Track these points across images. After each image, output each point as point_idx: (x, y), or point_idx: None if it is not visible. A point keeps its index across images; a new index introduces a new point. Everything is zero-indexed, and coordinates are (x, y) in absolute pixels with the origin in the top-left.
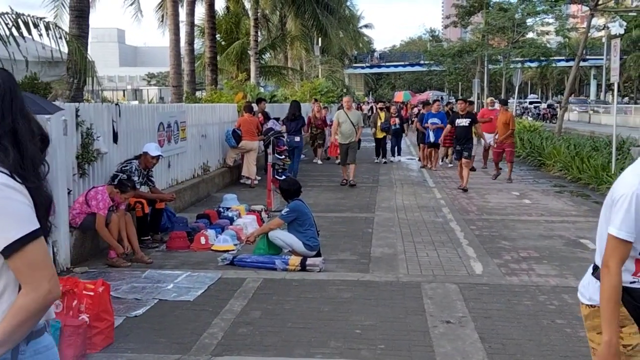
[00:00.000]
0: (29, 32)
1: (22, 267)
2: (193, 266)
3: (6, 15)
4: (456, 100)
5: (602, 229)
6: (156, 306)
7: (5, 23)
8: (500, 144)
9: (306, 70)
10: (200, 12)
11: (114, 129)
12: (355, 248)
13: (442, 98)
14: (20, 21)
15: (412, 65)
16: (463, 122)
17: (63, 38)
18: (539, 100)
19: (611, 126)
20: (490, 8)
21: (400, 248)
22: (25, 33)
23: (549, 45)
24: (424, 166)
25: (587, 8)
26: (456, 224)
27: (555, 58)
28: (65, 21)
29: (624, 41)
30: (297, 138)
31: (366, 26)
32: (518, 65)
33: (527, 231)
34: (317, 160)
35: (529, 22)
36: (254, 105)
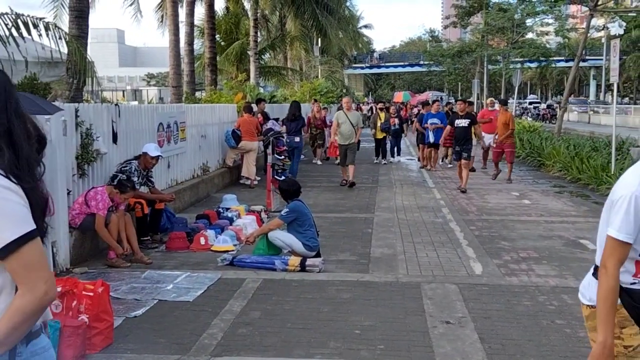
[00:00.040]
0: (29, 33)
1: (19, 268)
2: (192, 267)
3: (6, 15)
4: (455, 100)
5: (603, 230)
6: (156, 307)
7: (4, 23)
8: (499, 144)
9: (306, 70)
10: (199, 13)
11: (114, 130)
12: (354, 248)
13: (442, 98)
14: (19, 21)
15: (412, 65)
16: (462, 123)
17: (63, 38)
18: (539, 100)
19: (611, 126)
20: (489, 8)
21: (399, 248)
22: (24, 33)
23: (549, 45)
24: (424, 166)
25: (587, 8)
26: (456, 225)
27: (554, 58)
28: (64, 21)
29: (624, 41)
30: (297, 138)
31: (366, 26)
32: (517, 65)
33: (527, 231)
34: (317, 160)
35: (529, 23)
36: (254, 105)
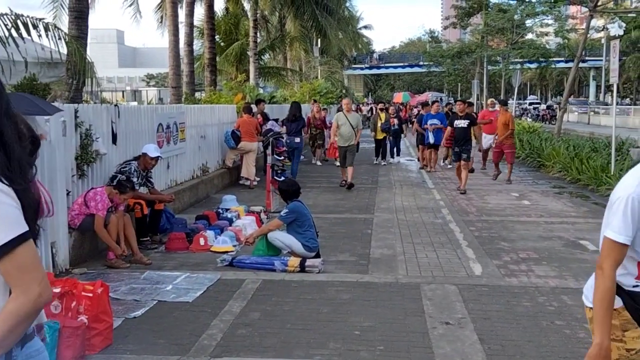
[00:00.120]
0: (28, 33)
1: (12, 271)
2: (192, 267)
3: (5, 16)
4: (455, 101)
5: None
6: (155, 307)
7: (4, 24)
8: (499, 144)
9: (305, 71)
10: (199, 13)
11: (113, 130)
12: (354, 249)
13: (441, 99)
14: (19, 22)
15: (412, 66)
16: (461, 124)
17: (62, 39)
18: (539, 101)
19: (610, 127)
20: (489, 9)
21: (399, 249)
22: (24, 34)
23: (548, 46)
24: (423, 167)
25: (587, 9)
26: (455, 225)
27: (554, 59)
28: (64, 22)
29: (623, 42)
30: (297, 139)
31: (365, 27)
32: (517, 66)
33: (527, 232)
34: (316, 161)
35: (528, 23)
36: (253, 106)
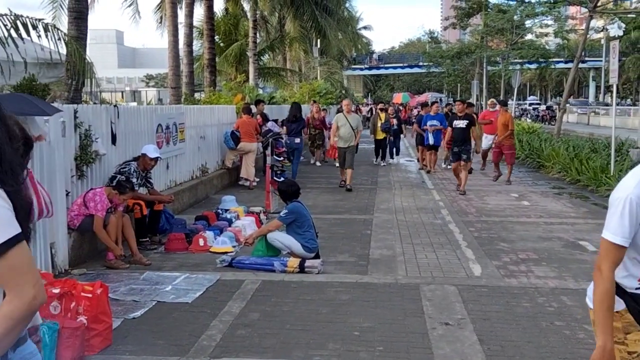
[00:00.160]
0: (28, 34)
1: (5, 273)
2: (191, 268)
3: (5, 16)
4: (454, 101)
5: None
6: (154, 308)
7: (4, 24)
8: (498, 144)
9: (305, 71)
10: (199, 14)
11: (113, 131)
12: (353, 250)
13: (441, 100)
14: (19, 23)
15: (411, 66)
16: (460, 124)
17: (62, 39)
18: (539, 102)
19: (610, 128)
20: (489, 10)
21: (399, 250)
22: (24, 34)
23: (548, 46)
24: (423, 168)
25: (586, 10)
26: (455, 226)
27: (554, 60)
28: (63, 23)
29: (623, 43)
30: (297, 140)
31: (365, 28)
32: (517, 66)
33: (526, 233)
34: (315, 161)
35: (528, 24)
36: (253, 106)
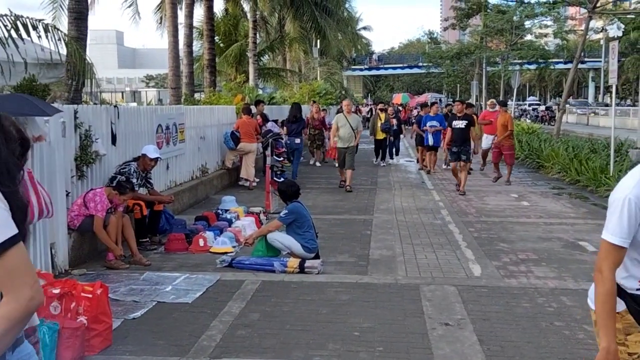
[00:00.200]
0: (28, 34)
1: (2, 274)
2: (191, 268)
3: (5, 17)
4: (453, 101)
5: None
6: (154, 308)
7: (4, 25)
8: (497, 145)
9: (305, 72)
10: (198, 14)
11: (113, 131)
12: (353, 250)
13: (441, 100)
14: (19, 23)
15: (411, 67)
16: (459, 124)
17: (62, 40)
18: (539, 102)
19: (609, 128)
20: (488, 10)
21: (398, 250)
22: (24, 35)
23: (547, 47)
24: (423, 168)
25: (585, 10)
26: (455, 226)
27: (553, 60)
28: (63, 23)
29: (622, 43)
30: (298, 140)
31: (365, 28)
32: (516, 67)
33: (526, 233)
34: (315, 162)
35: (527, 25)
36: (253, 107)
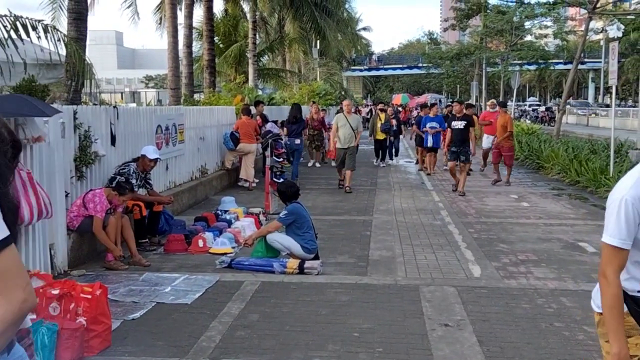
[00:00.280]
0: (27, 35)
1: None
2: (191, 269)
3: (4, 17)
4: (452, 102)
5: None
6: (154, 309)
7: (3, 25)
8: (497, 145)
9: (304, 72)
10: (198, 15)
11: (112, 132)
12: (353, 251)
13: (440, 101)
14: (18, 24)
15: (411, 68)
16: (459, 125)
17: (61, 40)
18: (539, 103)
19: (609, 129)
20: (488, 11)
21: (398, 251)
22: (23, 35)
23: (547, 48)
24: (422, 169)
25: (585, 11)
26: (454, 227)
27: (553, 61)
28: (63, 24)
29: (622, 44)
30: (298, 140)
31: (364, 29)
32: (516, 68)
33: (526, 234)
34: (315, 163)
35: (527, 25)
36: (252, 107)
